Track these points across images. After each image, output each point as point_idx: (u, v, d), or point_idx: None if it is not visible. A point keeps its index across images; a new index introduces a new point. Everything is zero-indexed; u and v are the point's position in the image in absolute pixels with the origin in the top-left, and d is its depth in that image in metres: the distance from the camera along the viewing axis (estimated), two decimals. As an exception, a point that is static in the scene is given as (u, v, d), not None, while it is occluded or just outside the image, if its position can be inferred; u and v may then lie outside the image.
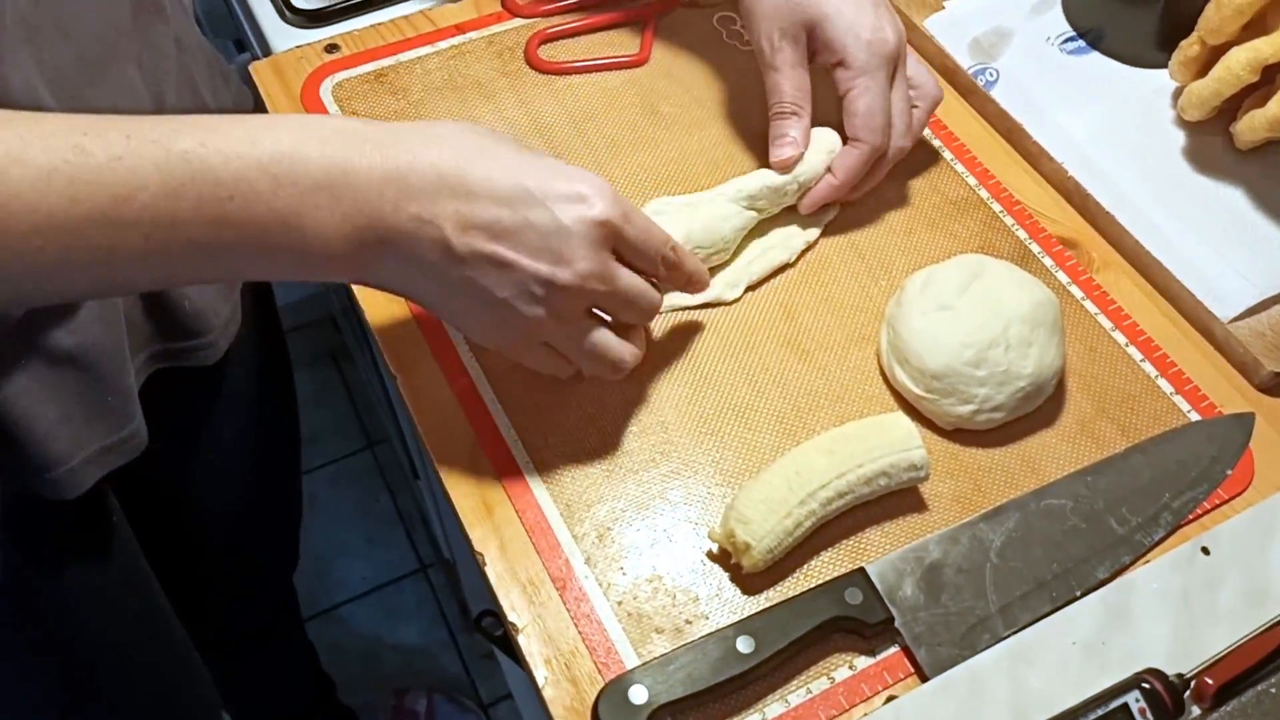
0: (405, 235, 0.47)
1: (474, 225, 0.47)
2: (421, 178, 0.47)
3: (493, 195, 0.47)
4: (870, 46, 0.61)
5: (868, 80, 0.62)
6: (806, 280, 0.65)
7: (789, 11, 0.62)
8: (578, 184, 0.49)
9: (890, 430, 0.55)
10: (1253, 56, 0.61)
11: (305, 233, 0.45)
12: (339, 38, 0.75)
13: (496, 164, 0.48)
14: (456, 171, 0.47)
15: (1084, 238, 0.68)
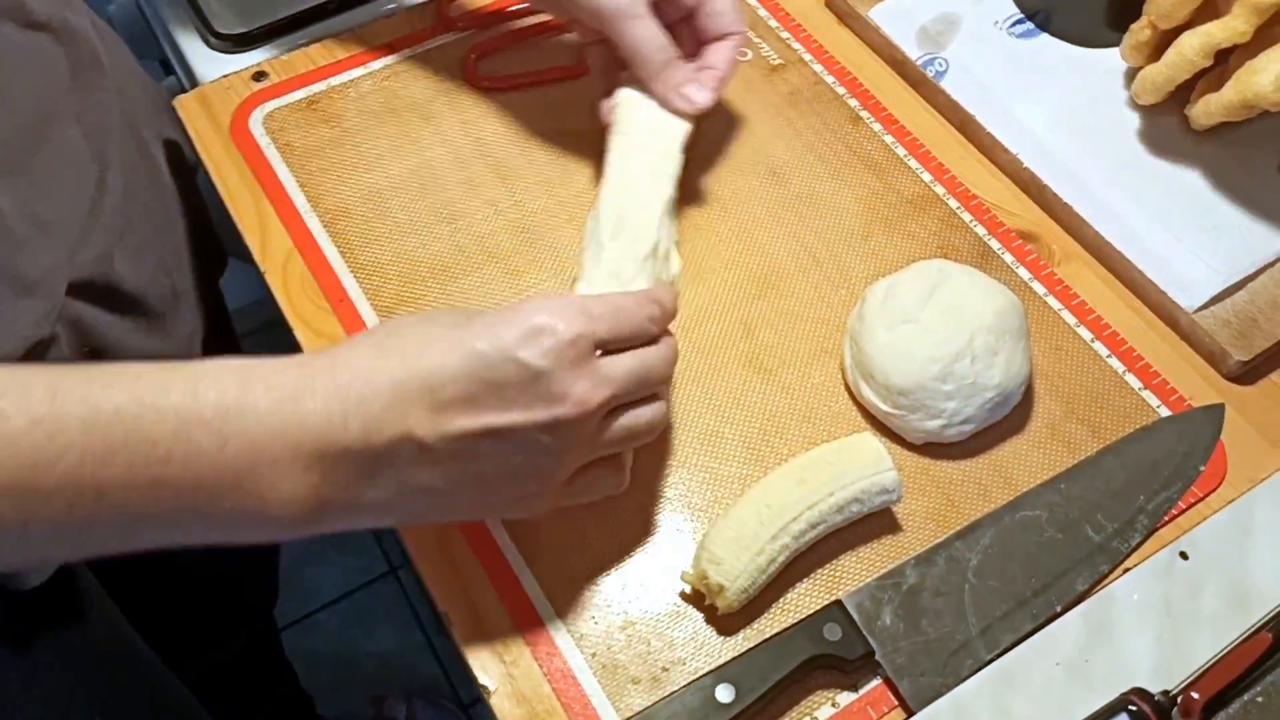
0: (382, 463, 0.43)
1: (448, 411, 0.43)
2: (380, 396, 0.42)
3: (453, 377, 0.43)
4: None
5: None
6: (764, 293, 0.63)
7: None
8: (527, 319, 0.44)
9: (860, 453, 0.53)
10: (1205, 41, 0.60)
11: (261, 490, 0.41)
12: (267, 64, 0.72)
13: (440, 347, 0.44)
14: (410, 374, 0.43)
15: (1043, 230, 0.67)
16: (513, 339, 0.44)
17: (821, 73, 0.74)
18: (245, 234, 0.64)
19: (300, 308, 0.62)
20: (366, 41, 0.74)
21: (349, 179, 0.67)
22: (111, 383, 0.39)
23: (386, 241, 0.64)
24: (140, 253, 0.62)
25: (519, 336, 0.44)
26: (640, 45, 0.59)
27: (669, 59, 0.60)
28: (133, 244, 0.62)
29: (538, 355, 0.44)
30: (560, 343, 0.44)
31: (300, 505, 0.42)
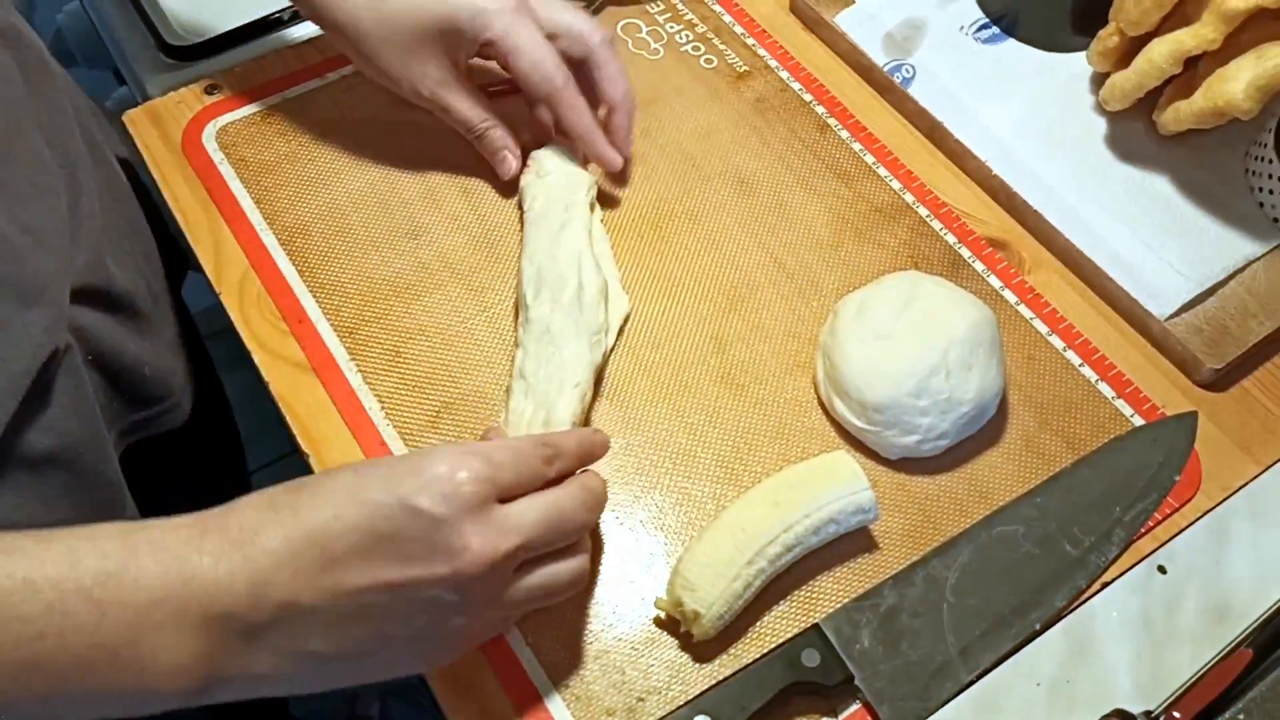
0: (272, 627, 0.40)
1: (340, 567, 0.40)
2: (270, 554, 0.39)
3: (345, 531, 0.40)
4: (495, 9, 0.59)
5: (513, 39, 0.59)
6: (735, 307, 0.62)
7: (410, 45, 0.59)
8: (426, 467, 0.42)
9: (835, 472, 0.52)
10: (1174, 49, 0.60)
11: (142, 663, 0.38)
12: (220, 76, 0.70)
13: (335, 500, 0.41)
14: (302, 530, 0.40)
15: (1013, 238, 0.66)
16: (410, 487, 0.41)
17: (788, 79, 0.73)
18: (199, 253, 0.63)
19: (257, 329, 0.60)
20: (322, 52, 0.72)
21: (306, 195, 0.65)
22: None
23: (346, 259, 0.63)
24: (120, 253, 0.62)
25: (416, 484, 0.41)
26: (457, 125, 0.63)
27: (479, 133, 0.63)
28: (114, 243, 0.61)
29: (435, 502, 0.41)
30: (460, 489, 0.41)
31: (185, 676, 0.39)
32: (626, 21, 0.75)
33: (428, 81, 0.60)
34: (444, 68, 0.60)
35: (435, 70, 0.60)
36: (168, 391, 0.62)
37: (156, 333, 0.64)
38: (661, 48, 0.74)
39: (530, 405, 0.54)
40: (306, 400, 0.58)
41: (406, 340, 0.60)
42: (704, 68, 0.73)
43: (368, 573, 0.40)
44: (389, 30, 0.59)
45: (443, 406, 0.57)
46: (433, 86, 0.60)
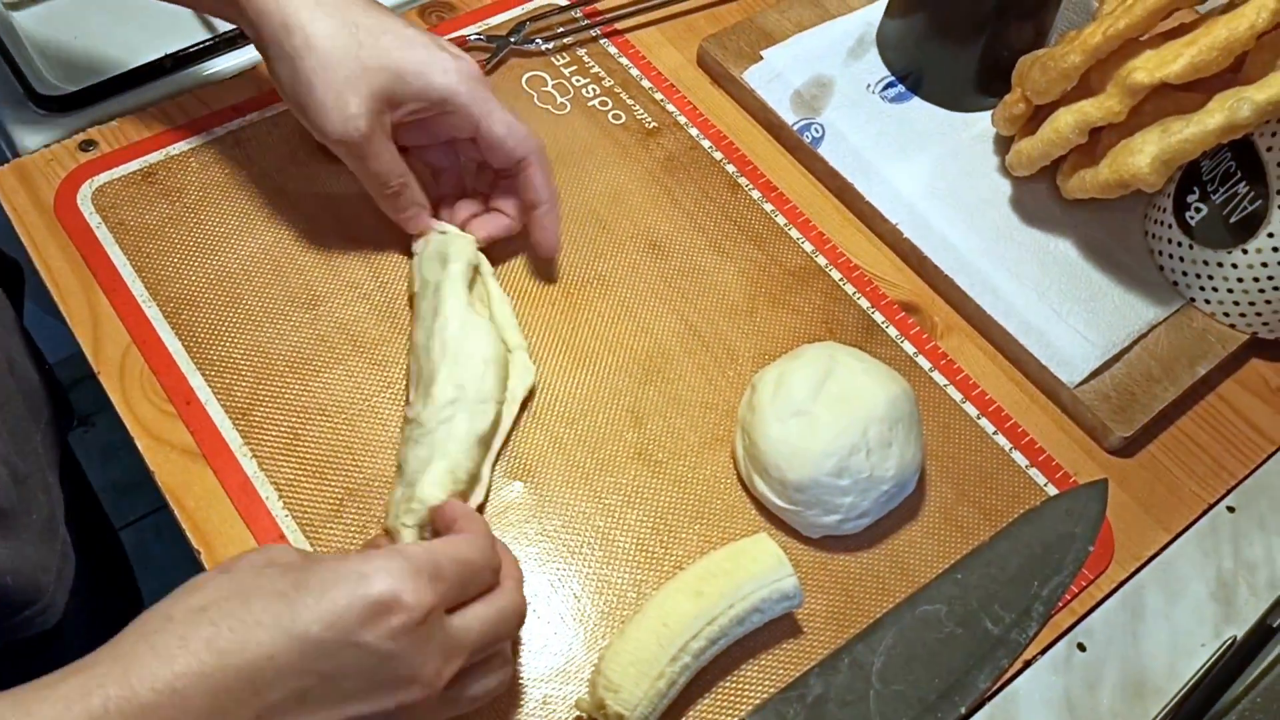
0: None
1: (282, 714, 0.37)
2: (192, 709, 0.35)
3: (280, 673, 0.36)
4: (463, 75, 0.56)
5: (484, 104, 0.56)
6: (651, 378, 0.61)
7: (357, 79, 0.53)
8: (367, 590, 0.38)
9: (758, 559, 0.51)
10: (1080, 119, 0.60)
11: None
12: (96, 131, 0.66)
13: (264, 634, 0.37)
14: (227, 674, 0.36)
15: (925, 301, 0.66)
16: (353, 619, 0.38)
17: (698, 137, 0.72)
18: (75, 328, 0.58)
19: (140, 411, 0.56)
20: (209, 104, 0.68)
21: (193, 262, 0.61)
22: None
23: (238, 332, 0.59)
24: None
25: (360, 615, 0.38)
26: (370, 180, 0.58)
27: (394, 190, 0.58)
28: None
29: (384, 638, 0.38)
30: (410, 621, 0.38)
31: None
32: (531, 74, 0.73)
33: (360, 122, 0.54)
34: (381, 114, 0.55)
35: (370, 114, 0.54)
36: (36, 593, 0.53)
37: (22, 525, 0.54)
38: (568, 102, 0.72)
39: (400, 488, 0.52)
40: (196, 490, 0.54)
41: (305, 421, 0.56)
42: (612, 124, 0.71)
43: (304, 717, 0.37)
44: (342, 56, 0.53)
45: (346, 494, 0.54)
46: (363, 129, 0.54)
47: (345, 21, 0.54)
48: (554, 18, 0.75)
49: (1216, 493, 0.61)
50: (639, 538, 0.55)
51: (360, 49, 0.53)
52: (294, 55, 0.53)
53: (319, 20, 0.53)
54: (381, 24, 0.55)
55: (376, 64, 0.54)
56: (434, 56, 0.55)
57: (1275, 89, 0.55)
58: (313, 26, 0.53)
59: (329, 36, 0.53)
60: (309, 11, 0.53)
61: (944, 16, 0.71)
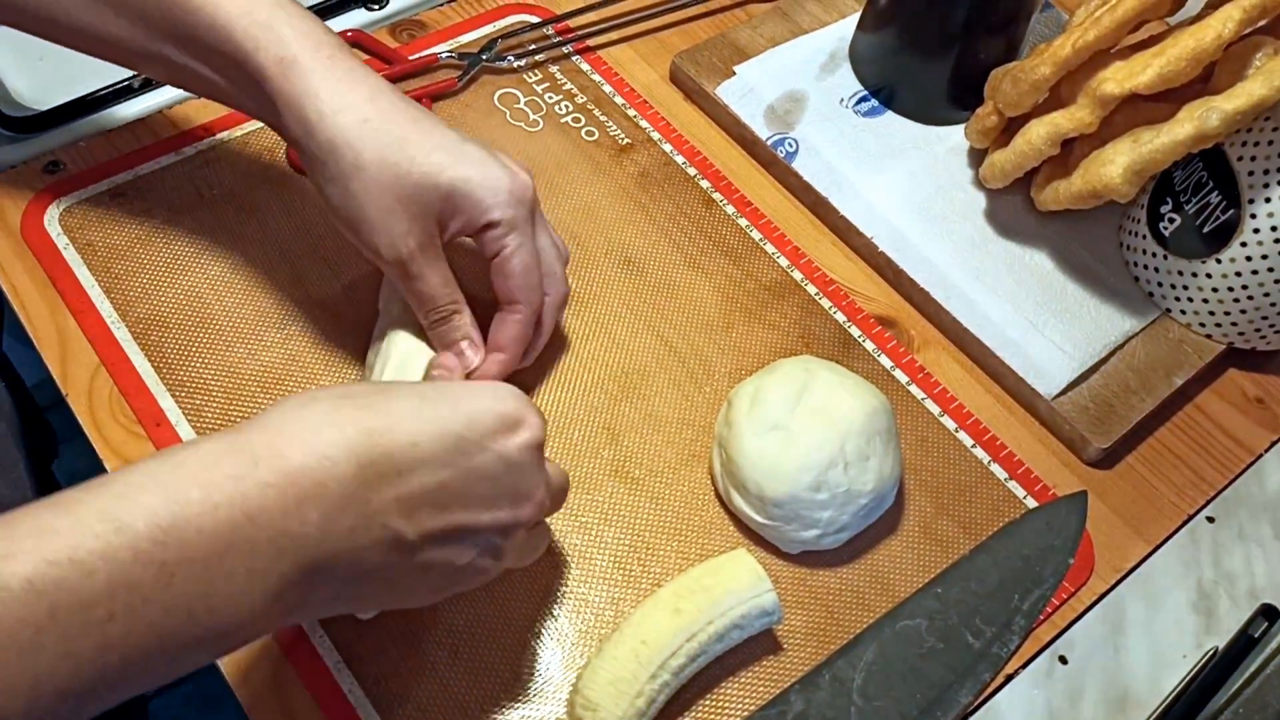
0: (344, 554, 0.38)
1: (418, 505, 0.39)
2: (340, 478, 0.37)
3: (424, 460, 0.39)
4: (513, 197, 0.52)
5: (518, 236, 0.53)
6: (628, 395, 0.60)
7: (409, 199, 0.50)
8: (503, 405, 0.42)
9: (737, 575, 0.51)
10: (1052, 131, 0.60)
11: (217, 613, 0.35)
12: (62, 152, 0.65)
13: (409, 423, 0.39)
14: (375, 452, 0.38)
15: (902, 315, 0.66)
16: (490, 426, 0.41)
17: (671, 152, 0.71)
18: (42, 351, 0.57)
19: (109, 434, 0.55)
20: (176, 125, 0.67)
21: (162, 282, 0.60)
22: (9, 551, 0.31)
23: (208, 353, 0.58)
24: None
25: (496, 424, 0.41)
26: (417, 300, 0.53)
27: (443, 315, 0.53)
28: None
29: (513, 449, 0.42)
30: (534, 440, 0.42)
31: (261, 613, 0.36)
32: (503, 91, 0.73)
33: (409, 240, 0.51)
34: (430, 232, 0.51)
35: (420, 232, 0.51)
36: None
37: None
38: (541, 119, 0.72)
39: None
40: None
41: (277, 441, 0.56)
42: (585, 140, 0.71)
43: (439, 514, 0.40)
44: (392, 175, 0.50)
45: (318, 515, 0.53)
46: (413, 247, 0.51)
47: (395, 139, 0.50)
48: (526, 35, 0.75)
49: (1196, 503, 0.61)
50: (616, 555, 0.55)
51: (413, 167, 0.50)
52: (342, 176, 0.50)
53: (367, 139, 0.49)
54: (434, 139, 0.51)
55: (429, 183, 0.50)
56: (488, 175, 0.52)
57: (1243, 99, 0.55)
58: (361, 145, 0.49)
59: (379, 157, 0.49)
60: (357, 130, 0.49)
61: (916, 31, 0.72)
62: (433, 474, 0.39)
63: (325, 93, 0.49)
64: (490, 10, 0.77)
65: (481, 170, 0.51)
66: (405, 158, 0.50)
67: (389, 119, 0.50)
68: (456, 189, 0.51)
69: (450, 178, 0.51)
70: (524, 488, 0.42)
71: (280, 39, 0.49)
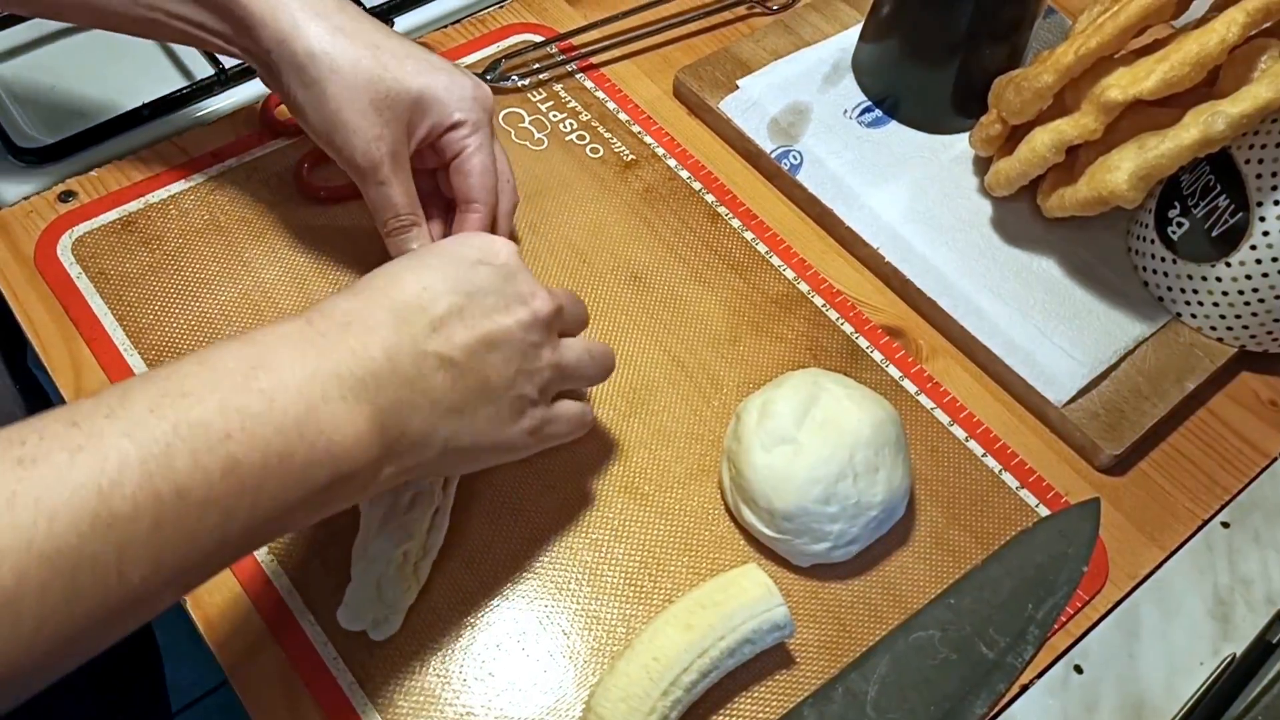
0: (415, 385, 0.43)
1: (448, 326, 0.44)
2: (384, 324, 0.43)
3: (438, 293, 0.45)
4: (476, 101, 0.56)
5: (479, 138, 0.57)
6: (635, 410, 0.60)
7: (381, 103, 0.53)
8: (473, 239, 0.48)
9: (748, 589, 0.51)
10: (1056, 138, 0.60)
11: (326, 434, 0.39)
12: (75, 181, 0.66)
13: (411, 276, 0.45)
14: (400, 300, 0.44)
15: (909, 325, 0.66)
16: (473, 253, 0.47)
17: (676, 168, 0.72)
18: (57, 380, 0.58)
19: (124, 461, 0.55)
20: (186, 151, 0.68)
21: (174, 308, 0.61)
22: (127, 391, 0.36)
23: (220, 378, 0.58)
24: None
25: (476, 252, 0.47)
26: (379, 206, 0.56)
27: (403, 224, 0.57)
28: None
29: (502, 262, 0.47)
30: (510, 251, 0.48)
31: (367, 440, 0.41)
32: (508, 111, 0.73)
33: (380, 145, 0.54)
34: (400, 139, 0.55)
35: (391, 138, 0.54)
36: None
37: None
38: (545, 137, 0.72)
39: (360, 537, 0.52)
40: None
41: (288, 464, 0.56)
42: (590, 157, 0.71)
43: (467, 327, 0.45)
44: (367, 80, 0.53)
45: (329, 537, 0.54)
46: (384, 152, 0.54)
47: (368, 44, 0.54)
48: (530, 54, 0.76)
49: (1210, 508, 0.60)
50: (627, 572, 0.55)
51: (385, 72, 0.53)
52: (319, 81, 0.53)
53: (341, 45, 0.53)
54: (403, 48, 0.55)
55: (400, 88, 0.54)
56: (454, 81, 0.56)
57: (1249, 102, 0.55)
58: (336, 51, 0.53)
59: (353, 61, 0.53)
60: (330, 38, 0.53)
61: (918, 41, 0.72)
62: (448, 300, 0.45)
63: (296, 4, 0.53)
64: (494, 31, 0.78)
65: (448, 77, 0.56)
66: (378, 64, 0.53)
67: (360, 28, 0.54)
68: (425, 93, 0.55)
69: (421, 83, 0.54)
70: (525, 288, 0.48)
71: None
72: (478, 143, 0.56)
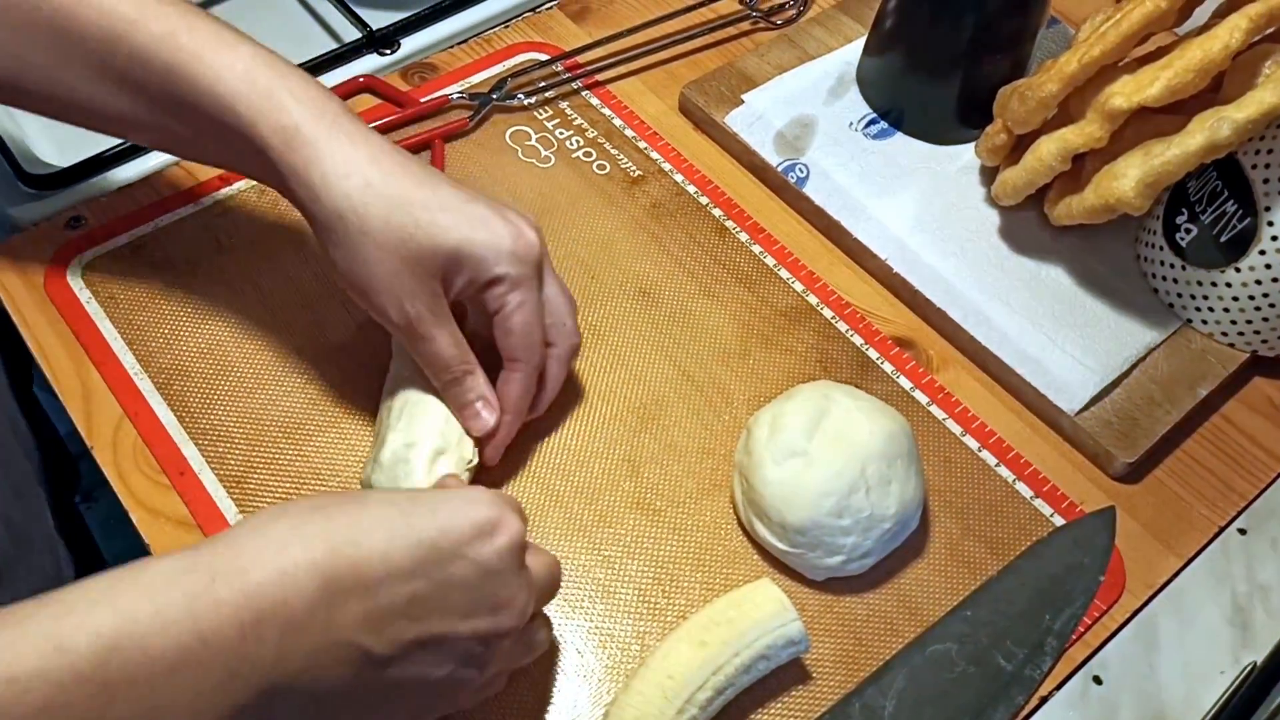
0: (305, 675, 0.36)
1: (389, 618, 0.37)
2: (302, 594, 0.36)
3: (395, 572, 0.38)
4: (516, 255, 0.52)
5: (521, 294, 0.52)
6: (646, 426, 0.60)
7: (414, 262, 0.50)
8: (478, 510, 0.41)
9: (761, 604, 0.50)
10: (1062, 147, 0.60)
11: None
12: (83, 207, 0.66)
13: (379, 533, 0.38)
14: (340, 564, 0.37)
15: (920, 336, 0.66)
16: (465, 533, 0.40)
17: (683, 183, 0.72)
18: (67, 405, 0.58)
19: (134, 484, 0.56)
20: (194, 175, 0.68)
21: (184, 331, 0.61)
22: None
23: (230, 400, 0.59)
24: None
25: (471, 531, 0.40)
26: (428, 362, 0.53)
27: (455, 377, 0.53)
28: None
29: (491, 555, 0.40)
30: (512, 544, 0.41)
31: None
32: (515, 129, 0.74)
33: (416, 303, 0.51)
34: (435, 294, 0.51)
35: (426, 294, 0.51)
36: None
37: (21, 580, 0.53)
38: (552, 155, 0.72)
39: None
40: None
41: (299, 485, 0.56)
42: (597, 174, 0.72)
43: (413, 623, 0.38)
44: (396, 238, 0.49)
45: (342, 557, 0.54)
46: (421, 309, 0.51)
47: (399, 201, 0.50)
48: (535, 72, 0.76)
49: (1226, 515, 0.60)
50: (640, 588, 0.54)
51: (417, 230, 0.50)
52: (349, 242, 0.50)
53: (371, 203, 0.49)
54: (440, 200, 0.51)
55: (432, 245, 0.50)
56: (493, 234, 0.51)
57: (1254, 107, 0.55)
58: (365, 209, 0.49)
59: (384, 220, 0.49)
60: (360, 195, 0.49)
61: (922, 52, 0.72)
62: (405, 585, 0.38)
63: (328, 159, 0.49)
64: (499, 50, 0.78)
65: (486, 230, 0.51)
66: (410, 220, 0.50)
67: (392, 181, 0.50)
68: (461, 250, 0.51)
69: (455, 239, 0.50)
70: (503, 595, 0.41)
71: (281, 106, 0.49)
72: (518, 300, 0.52)
